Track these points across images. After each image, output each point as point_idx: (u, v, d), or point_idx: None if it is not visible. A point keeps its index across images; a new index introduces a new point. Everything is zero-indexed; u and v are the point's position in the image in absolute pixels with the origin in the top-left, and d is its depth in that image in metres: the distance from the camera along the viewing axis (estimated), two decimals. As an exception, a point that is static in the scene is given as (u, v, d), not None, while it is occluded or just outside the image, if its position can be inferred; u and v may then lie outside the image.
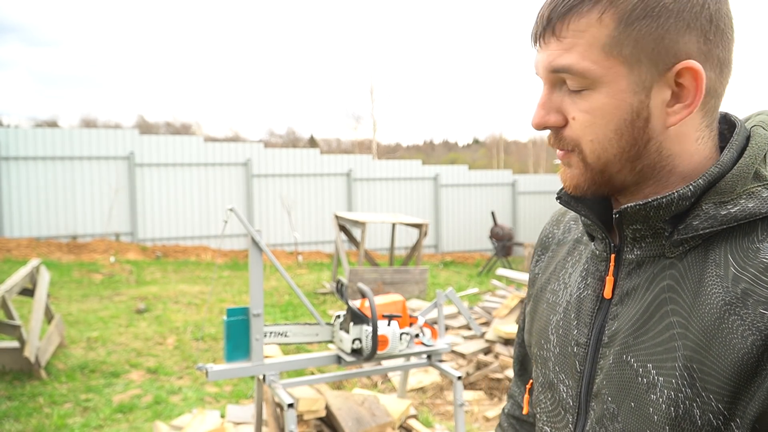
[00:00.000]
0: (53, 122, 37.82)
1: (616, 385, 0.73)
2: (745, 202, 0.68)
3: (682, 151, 0.72)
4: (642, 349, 0.71)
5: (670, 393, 0.67)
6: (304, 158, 13.97)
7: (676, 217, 0.71)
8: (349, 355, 2.67)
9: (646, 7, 0.66)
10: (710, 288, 0.67)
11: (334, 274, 9.24)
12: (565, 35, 0.70)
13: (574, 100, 0.72)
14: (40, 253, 11.03)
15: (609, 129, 0.71)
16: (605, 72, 0.69)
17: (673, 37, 0.67)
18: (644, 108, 0.69)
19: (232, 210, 2.51)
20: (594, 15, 0.68)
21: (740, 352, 0.63)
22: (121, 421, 4.26)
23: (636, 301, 0.73)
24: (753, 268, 0.65)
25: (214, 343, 6.22)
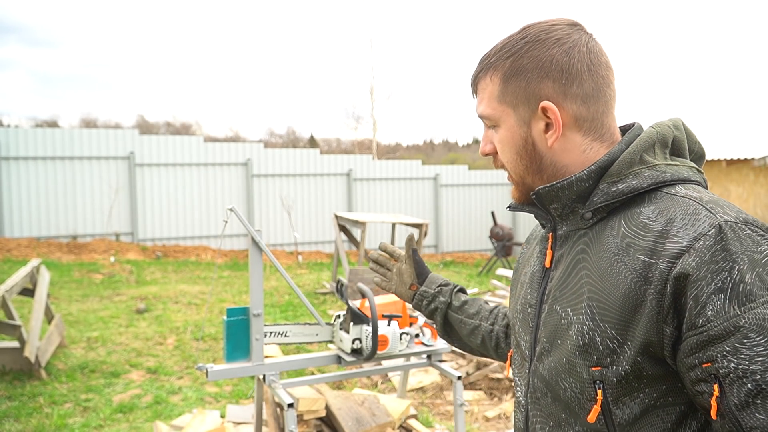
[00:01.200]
0: (53, 122, 37.82)
1: (549, 329, 0.97)
2: (630, 180, 0.92)
3: (573, 161, 0.97)
4: (564, 299, 0.95)
5: (578, 326, 0.91)
6: (304, 158, 13.96)
7: (585, 197, 0.96)
8: (349, 355, 2.67)
9: (513, 68, 0.96)
10: (606, 245, 0.91)
11: (334, 274, 9.24)
12: (479, 92, 1.03)
13: (492, 135, 1.03)
14: (40, 253, 11.03)
15: (513, 153, 1.00)
16: (500, 115, 0.99)
17: (534, 86, 0.95)
18: (529, 136, 0.98)
19: (232, 210, 2.51)
20: (488, 78, 1.00)
21: (624, 289, 0.86)
22: (121, 421, 4.26)
23: (562, 265, 0.99)
24: (635, 226, 0.89)
25: (214, 343, 6.22)
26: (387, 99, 32.71)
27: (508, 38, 0.99)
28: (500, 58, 0.98)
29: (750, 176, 9.63)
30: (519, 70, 0.96)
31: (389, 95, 32.18)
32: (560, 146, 0.97)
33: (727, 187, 10.08)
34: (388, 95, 32.80)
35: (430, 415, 4.33)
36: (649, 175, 0.92)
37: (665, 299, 0.82)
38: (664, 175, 0.92)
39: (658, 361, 0.85)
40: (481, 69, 1.01)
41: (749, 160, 9.06)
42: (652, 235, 0.86)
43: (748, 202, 9.64)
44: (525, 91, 0.96)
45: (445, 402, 4.63)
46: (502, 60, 0.98)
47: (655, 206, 0.89)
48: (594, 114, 0.96)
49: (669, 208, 0.87)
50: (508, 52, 0.97)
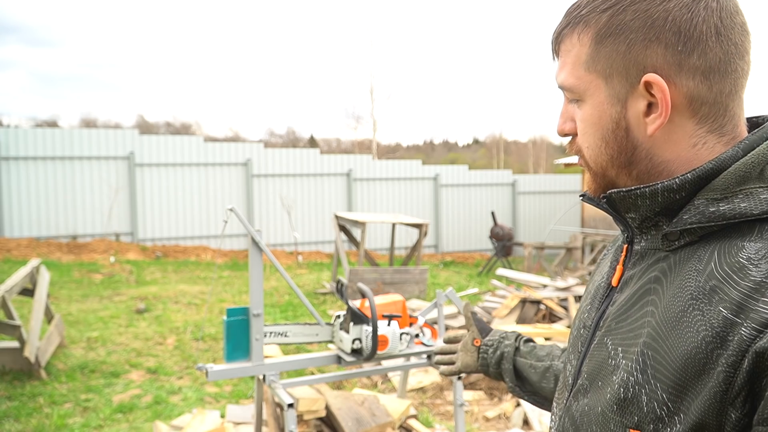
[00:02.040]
0: (53, 122, 37.82)
1: (593, 365, 0.77)
2: (739, 201, 0.68)
3: (677, 157, 0.73)
4: (618, 334, 0.75)
5: (624, 375, 0.70)
6: (304, 158, 13.96)
7: (674, 211, 0.73)
8: (349, 355, 2.66)
9: (611, 26, 0.72)
10: (686, 281, 0.69)
11: (334, 274, 9.24)
12: (562, 55, 0.79)
13: (574, 111, 0.80)
14: (40, 253, 11.03)
15: (597, 138, 0.77)
16: (588, 86, 0.76)
17: (638, 52, 0.71)
18: (622, 118, 0.74)
19: (232, 210, 2.51)
20: (575, 36, 0.76)
21: (692, 347, 0.64)
22: (121, 421, 4.26)
23: (629, 289, 0.77)
24: (728, 266, 0.66)
25: (214, 343, 6.22)
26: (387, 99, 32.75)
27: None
28: (594, 10, 0.74)
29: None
30: (619, 28, 0.72)
31: (389, 95, 32.21)
32: (663, 135, 0.73)
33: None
34: (388, 95, 32.83)
35: (430, 415, 4.33)
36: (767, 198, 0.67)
37: (738, 376, 0.60)
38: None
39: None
40: (567, 24, 0.77)
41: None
42: (745, 285, 0.63)
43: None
44: (624, 58, 0.72)
45: (445, 402, 4.63)
46: (596, 13, 0.73)
47: (763, 244, 0.65)
48: (717, 95, 0.71)
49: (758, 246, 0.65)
50: (605, 2, 0.73)
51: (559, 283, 6.76)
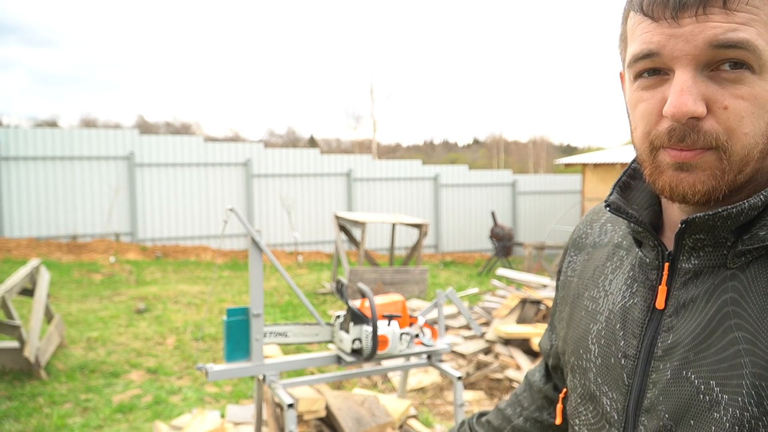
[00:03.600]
0: (53, 122, 37.83)
1: (674, 402, 0.67)
2: None
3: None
4: (704, 365, 0.65)
5: (735, 411, 0.62)
6: (304, 158, 13.96)
7: (743, 227, 0.66)
8: (349, 355, 2.66)
9: None
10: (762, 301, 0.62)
11: (334, 274, 9.24)
12: (739, 8, 0.61)
13: (726, 86, 0.62)
14: (40, 253, 11.03)
15: (765, 121, 0.63)
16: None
17: None
18: None
19: (232, 210, 2.51)
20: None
21: None
22: (121, 421, 4.26)
23: (696, 314, 0.68)
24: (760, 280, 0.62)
25: (214, 343, 6.22)
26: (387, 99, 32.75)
27: None
28: None
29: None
30: None
31: (389, 95, 32.20)
32: None
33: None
34: (388, 95, 32.81)
35: (430, 415, 4.33)
36: None
37: None
38: None
39: None
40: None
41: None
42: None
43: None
44: None
45: (445, 402, 4.63)
46: None
47: None
48: None
49: None
50: None
51: (559, 283, 6.75)
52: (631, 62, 0.67)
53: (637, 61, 0.66)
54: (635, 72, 0.67)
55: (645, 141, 0.68)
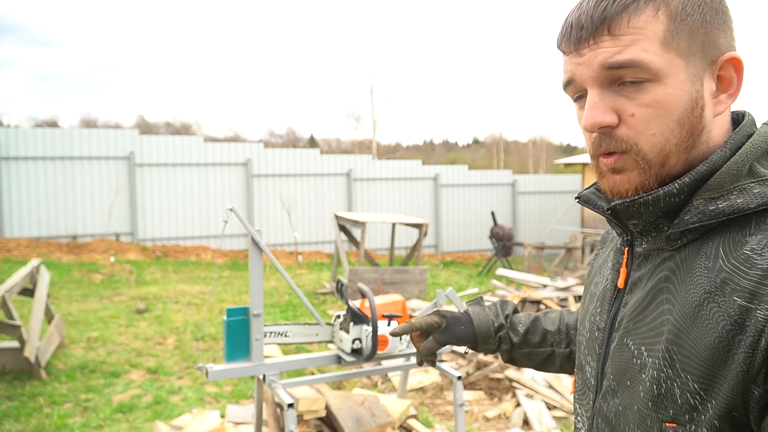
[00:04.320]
0: (53, 122, 37.82)
1: (617, 365, 0.80)
2: (734, 197, 0.72)
3: (721, 140, 0.77)
4: (638, 334, 0.78)
5: (654, 372, 0.74)
6: (304, 158, 13.96)
7: (673, 212, 0.76)
8: (349, 355, 2.66)
9: (694, 5, 0.73)
10: (697, 278, 0.73)
11: (334, 274, 9.24)
12: (623, 32, 0.73)
13: (631, 97, 0.74)
14: (40, 253, 11.03)
15: (672, 120, 0.74)
16: (666, 64, 0.73)
17: (715, 32, 0.74)
18: (700, 98, 0.74)
19: (232, 210, 2.51)
20: (650, 12, 0.73)
21: (714, 337, 0.68)
22: (121, 421, 4.26)
23: (639, 290, 0.80)
24: (735, 259, 0.70)
25: (214, 343, 6.22)
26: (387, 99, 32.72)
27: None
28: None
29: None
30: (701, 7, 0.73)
31: (389, 95, 32.19)
32: (721, 117, 0.77)
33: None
34: (388, 95, 32.82)
35: (430, 415, 4.33)
36: (759, 192, 0.71)
37: (757, 355, 0.65)
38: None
39: (742, 428, 0.68)
40: None
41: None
42: (755, 274, 0.67)
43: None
44: (707, 36, 0.73)
45: (445, 402, 4.63)
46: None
47: (763, 235, 0.70)
48: None
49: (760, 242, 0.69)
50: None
51: (559, 283, 6.76)
52: (564, 90, 0.81)
53: (566, 88, 0.80)
54: (571, 98, 0.81)
55: (589, 152, 0.80)
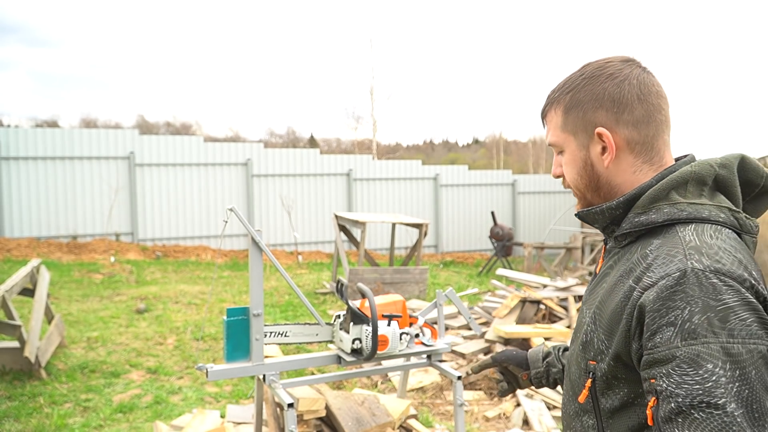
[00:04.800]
0: (53, 122, 37.82)
1: (577, 324, 1.17)
2: (651, 214, 1.04)
3: (624, 181, 1.11)
4: (588, 303, 1.14)
5: (585, 327, 1.10)
6: (304, 158, 13.96)
7: (619, 222, 1.11)
8: (349, 355, 2.66)
9: (572, 101, 1.12)
10: (622, 266, 1.07)
11: (334, 274, 9.23)
12: (547, 122, 1.19)
13: (559, 160, 1.19)
14: (40, 253, 11.03)
15: (575, 173, 1.15)
16: (564, 141, 1.15)
17: (590, 115, 1.10)
18: (588, 159, 1.12)
19: (232, 210, 2.51)
20: (554, 110, 1.16)
21: (615, 305, 1.02)
22: (121, 421, 4.26)
23: (600, 275, 1.15)
24: (640, 255, 1.03)
25: (214, 343, 6.22)
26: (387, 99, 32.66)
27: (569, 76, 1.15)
28: (562, 93, 1.14)
29: (750, 176, 9.61)
30: (577, 102, 1.11)
31: (389, 95, 32.16)
32: (614, 167, 1.10)
33: (727, 187, 10.07)
34: (388, 95, 32.76)
35: (430, 415, 4.33)
36: (668, 211, 1.02)
37: (632, 321, 0.98)
38: (681, 213, 1.01)
39: (630, 368, 1.01)
40: (548, 103, 1.17)
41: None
42: (643, 266, 1.00)
43: (748, 202, 9.63)
44: (583, 120, 1.11)
45: (445, 402, 4.63)
46: (563, 95, 1.13)
47: (661, 241, 1.01)
48: (645, 138, 1.09)
49: (665, 245, 1.00)
50: (568, 87, 1.13)
51: (559, 283, 6.75)
52: None
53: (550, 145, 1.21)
54: None
55: None
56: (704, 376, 0.88)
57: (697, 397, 0.88)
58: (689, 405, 0.89)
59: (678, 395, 0.90)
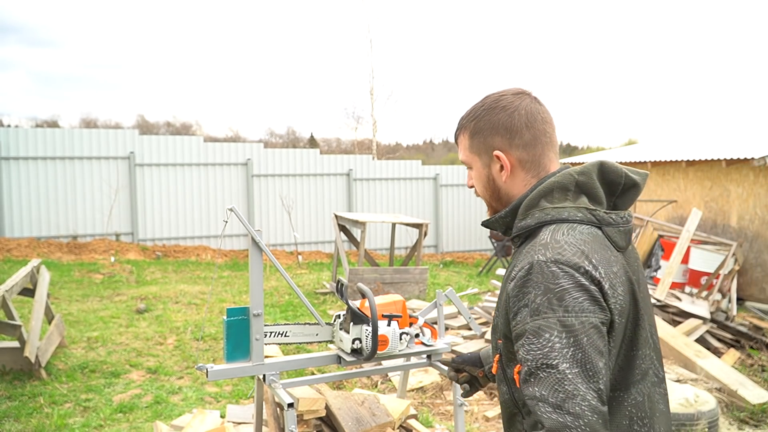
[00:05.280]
0: (53, 122, 37.81)
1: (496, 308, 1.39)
2: (527, 219, 1.29)
3: (518, 192, 1.36)
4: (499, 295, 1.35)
5: (496, 313, 1.34)
6: (304, 158, 13.96)
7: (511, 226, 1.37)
8: (349, 355, 2.66)
9: (476, 128, 1.38)
10: (513, 262, 1.29)
11: (334, 274, 9.24)
12: (459, 146, 1.44)
13: (472, 174, 1.44)
14: (40, 253, 11.03)
15: (481, 187, 1.42)
16: (472, 160, 1.41)
17: (489, 140, 1.36)
18: (490, 175, 1.39)
19: (232, 210, 2.51)
20: (461, 135, 1.42)
21: (504, 294, 1.26)
22: (121, 421, 4.26)
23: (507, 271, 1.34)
24: (520, 252, 1.29)
25: (214, 343, 6.22)
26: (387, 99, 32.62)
27: (473, 106, 1.40)
28: (468, 120, 1.40)
29: (750, 176, 9.62)
30: (479, 129, 1.37)
31: (389, 95, 32.10)
32: (511, 181, 1.36)
33: (726, 187, 10.07)
34: (388, 95, 32.68)
35: (430, 415, 4.33)
36: (538, 216, 1.27)
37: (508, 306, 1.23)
38: (547, 216, 1.26)
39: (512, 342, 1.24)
40: (458, 128, 1.43)
41: (749, 159, 9.04)
42: (514, 263, 1.28)
43: (748, 202, 9.63)
44: (484, 144, 1.37)
45: (445, 402, 4.63)
46: (469, 122, 1.40)
47: (534, 240, 1.25)
48: (533, 157, 1.34)
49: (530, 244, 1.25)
50: (472, 116, 1.39)
51: (559, 283, 6.75)
52: None
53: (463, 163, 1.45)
54: None
55: None
56: (543, 343, 1.11)
57: (539, 360, 1.11)
58: (535, 367, 1.11)
59: (528, 360, 1.12)
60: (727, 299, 7.89)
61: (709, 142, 12.28)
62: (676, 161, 10.68)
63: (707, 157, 9.88)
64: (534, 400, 1.09)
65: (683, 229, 7.32)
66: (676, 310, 6.49)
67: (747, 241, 9.50)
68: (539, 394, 1.09)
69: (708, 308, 6.65)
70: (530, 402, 1.10)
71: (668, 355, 5.59)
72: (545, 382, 1.09)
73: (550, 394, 1.07)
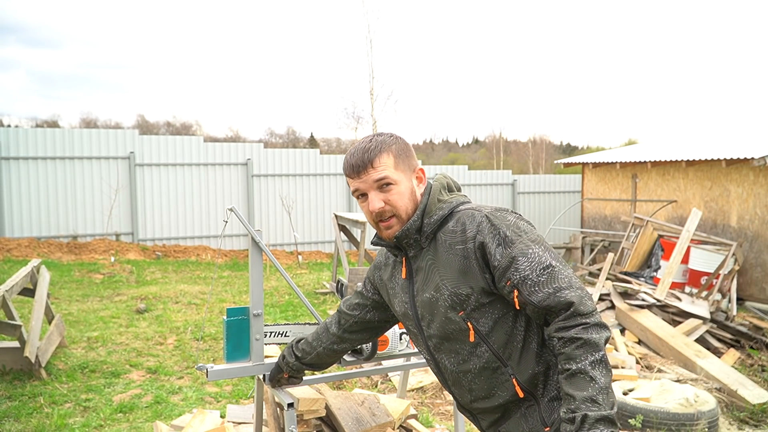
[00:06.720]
0: (53, 122, 37.81)
1: (426, 309, 1.68)
2: (438, 212, 1.67)
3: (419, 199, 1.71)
4: (429, 289, 1.66)
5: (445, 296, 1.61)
6: (304, 158, 13.96)
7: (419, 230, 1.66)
8: (349, 355, 2.67)
9: (399, 149, 1.69)
10: (441, 250, 1.63)
11: (334, 274, 9.24)
12: (377, 165, 1.65)
13: (388, 192, 1.66)
14: (40, 253, 11.03)
15: (407, 198, 1.68)
16: (398, 177, 1.67)
17: (411, 159, 1.72)
18: (412, 187, 1.70)
19: (232, 210, 2.51)
20: (385, 155, 1.67)
21: (457, 265, 1.59)
22: (121, 421, 4.26)
23: (421, 270, 1.69)
24: (447, 233, 1.63)
25: (214, 343, 6.23)
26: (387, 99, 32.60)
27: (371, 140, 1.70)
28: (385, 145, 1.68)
29: (750, 176, 9.62)
30: (402, 151, 1.70)
31: (389, 95, 32.10)
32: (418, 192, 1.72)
33: (726, 187, 10.07)
34: (388, 95, 32.69)
35: (430, 415, 4.33)
36: (446, 206, 1.67)
37: (479, 261, 1.55)
38: (452, 204, 1.68)
39: (490, 294, 1.57)
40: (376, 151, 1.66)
41: (749, 159, 9.05)
42: (458, 233, 1.60)
43: (748, 202, 9.63)
44: (408, 162, 1.70)
45: (445, 402, 4.63)
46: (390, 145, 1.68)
47: (453, 221, 1.64)
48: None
49: (460, 218, 1.62)
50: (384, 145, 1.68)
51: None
52: (353, 194, 1.72)
53: (354, 193, 1.71)
54: (356, 198, 1.72)
55: (372, 222, 1.71)
56: (533, 257, 1.50)
57: (538, 268, 1.49)
58: (539, 272, 1.48)
59: (529, 273, 1.48)
60: (727, 299, 7.90)
61: (709, 142, 12.28)
62: (676, 161, 10.68)
63: (707, 157, 9.88)
64: (553, 292, 1.45)
65: (683, 229, 7.33)
66: (676, 310, 6.49)
67: (747, 241, 9.50)
68: (555, 286, 1.46)
69: (708, 308, 6.65)
70: (550, 298, 1.45)
71: (668, 354, 5.60)
72: (553, 277, 1.47)
73: (562, 282, 1.47)
